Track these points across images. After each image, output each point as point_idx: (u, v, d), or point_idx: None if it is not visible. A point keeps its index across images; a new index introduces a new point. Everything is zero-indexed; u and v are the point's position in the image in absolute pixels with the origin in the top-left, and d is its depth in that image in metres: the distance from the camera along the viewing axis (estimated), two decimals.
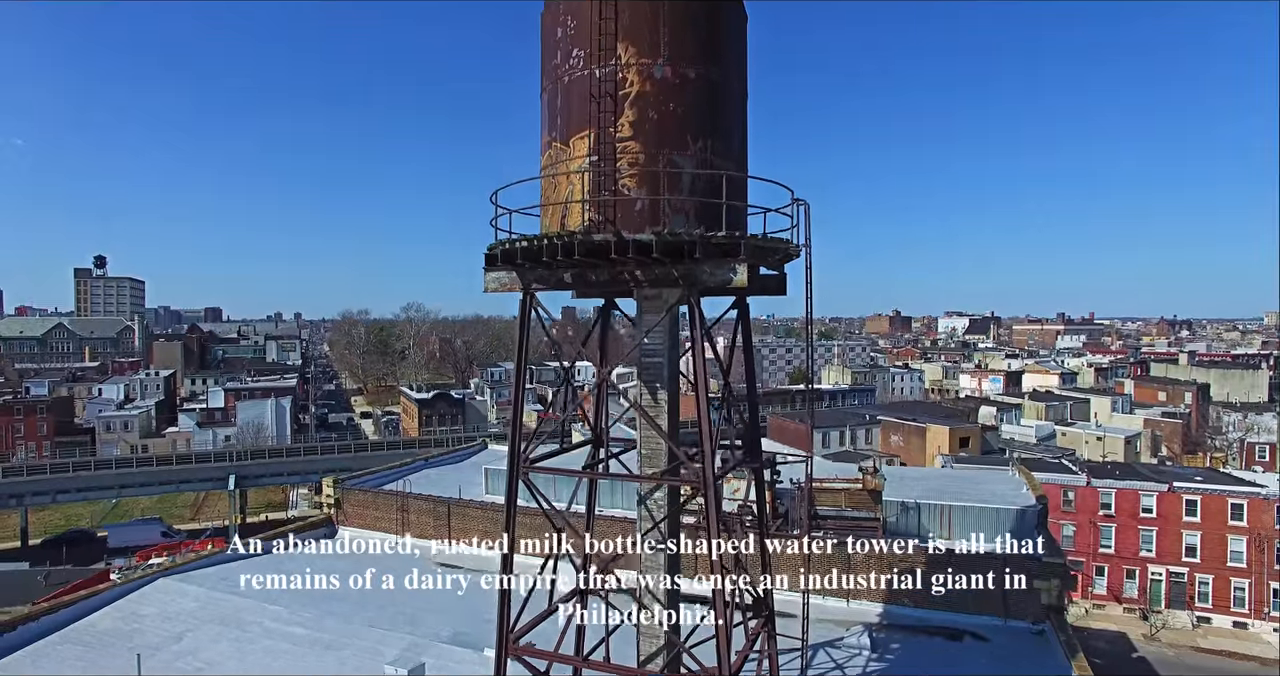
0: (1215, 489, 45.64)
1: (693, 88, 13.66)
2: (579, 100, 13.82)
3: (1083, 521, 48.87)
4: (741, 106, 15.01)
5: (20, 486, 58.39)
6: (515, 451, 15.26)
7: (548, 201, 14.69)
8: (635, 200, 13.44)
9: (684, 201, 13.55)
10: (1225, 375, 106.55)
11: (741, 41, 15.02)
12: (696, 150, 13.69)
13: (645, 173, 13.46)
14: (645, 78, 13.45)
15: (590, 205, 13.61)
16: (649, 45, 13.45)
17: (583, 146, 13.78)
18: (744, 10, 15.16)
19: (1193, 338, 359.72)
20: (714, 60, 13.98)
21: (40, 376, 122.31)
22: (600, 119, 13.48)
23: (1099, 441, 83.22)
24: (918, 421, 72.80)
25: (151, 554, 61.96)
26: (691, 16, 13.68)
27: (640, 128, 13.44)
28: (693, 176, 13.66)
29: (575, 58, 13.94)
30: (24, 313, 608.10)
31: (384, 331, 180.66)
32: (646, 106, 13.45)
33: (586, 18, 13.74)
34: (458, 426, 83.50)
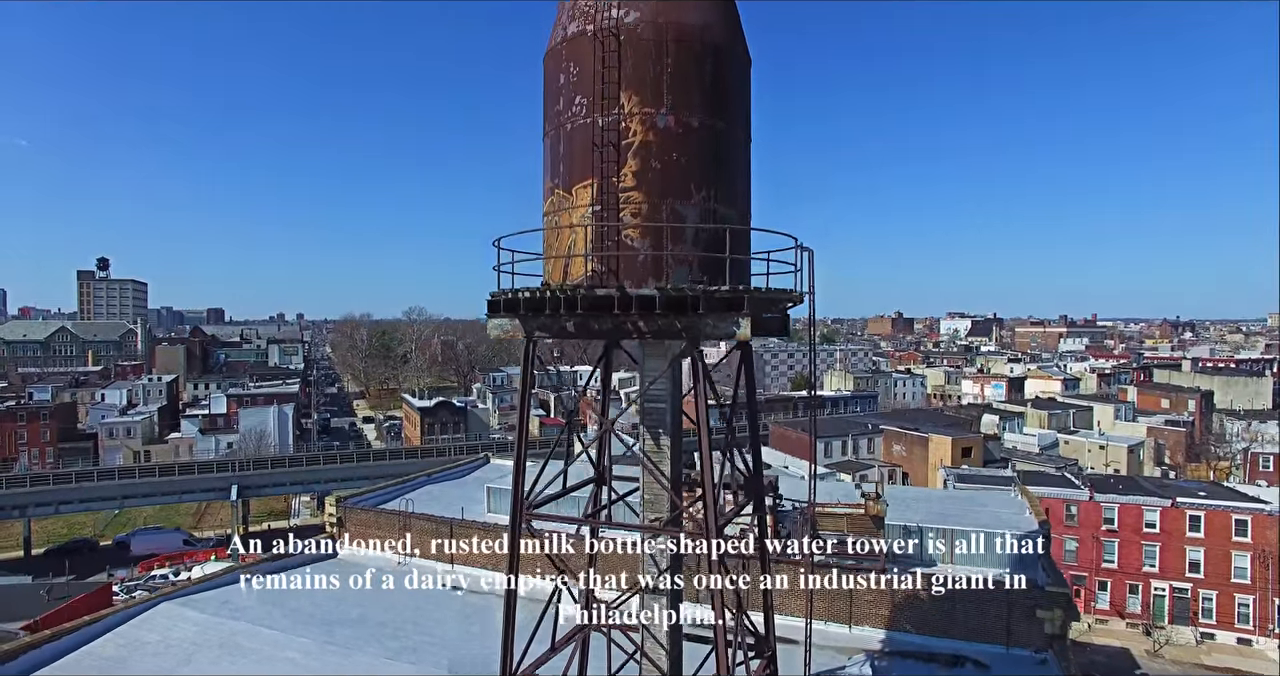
0: (1218, 505, 45.49)
1: (696, 137, 13.60)
2: (581, 148, 13.77)
3: (1085, 536, 48.73)
4: (745, 152, 14.95)
5: (23, 497, 58.48)
6: (518, 498, 15.21)
7: (550, 248, 14.66)
8: (638, 252, 13.40)
9: (687, 253, 13.52)
10: (1229, 382, 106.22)
11: (745, 87, 14.96)
12: (700, 200, 13.64)
13: (648, 222, 13.44)
14: (648, 127, 13.39)
15: (593, 256, 13.60)
16: (652, 94, 13.40)
17: (585, 196, 13.73)
18: (748, 55, 15.11)
19: (1196, 340, 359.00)
20: (718, 109, 13.92)
21: (43, 381, 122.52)
22: (603, 169, 13.44)
23: (1102, 450, 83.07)
24: (920, 431, 72.66)
25: (154, 564, 62.16)
26: (696, 66, 13.62)
27: (643, 178, 13.39)
28: (696, 226, 13.63)
29: (578, 105, 13.89)
30: (27, 313, 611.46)
31: (386, 335, 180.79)
32: (649, 156, 13.39)
33: (589, 66, 13.69)
34: (459, 434, 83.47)
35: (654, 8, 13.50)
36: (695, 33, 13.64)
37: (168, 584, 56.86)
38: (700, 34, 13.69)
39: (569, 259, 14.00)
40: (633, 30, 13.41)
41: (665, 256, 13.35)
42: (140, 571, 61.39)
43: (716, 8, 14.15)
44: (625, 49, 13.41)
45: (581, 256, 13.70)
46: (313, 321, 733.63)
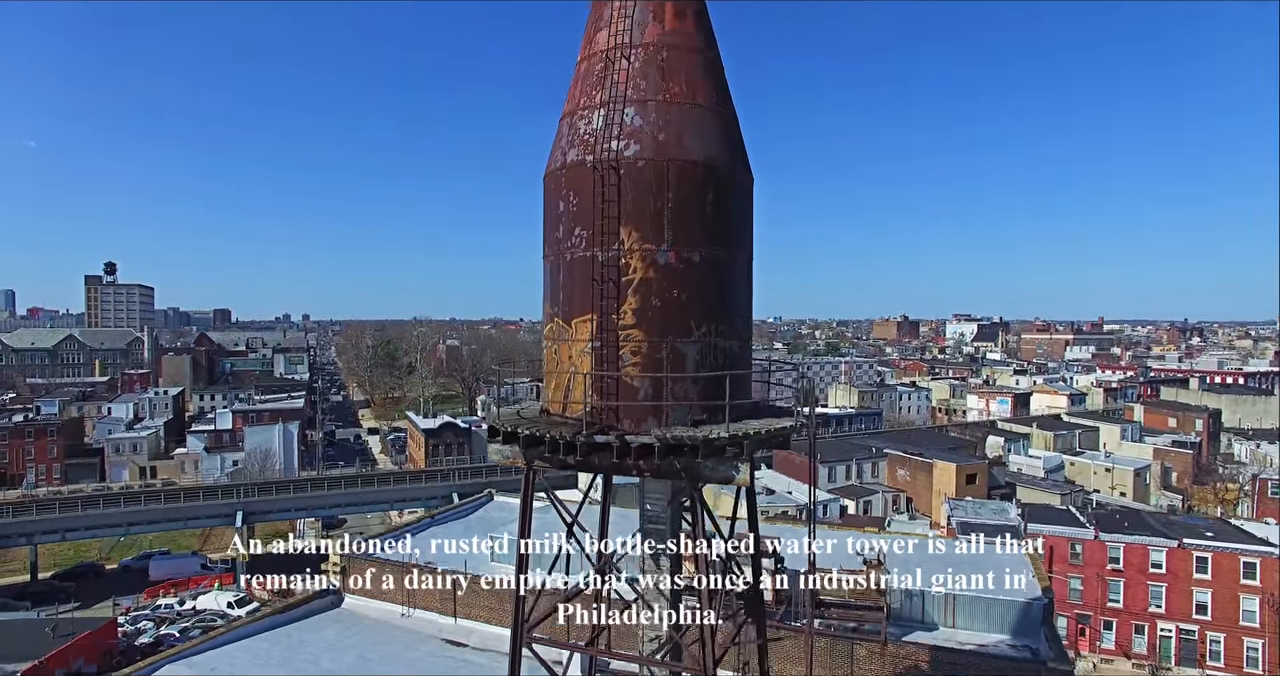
0: (1226, 547, 45.15)
1: (697, 272, 13.48)
2: (581, 282, 13.68)
3: (1090, 575, 48.45)
4: (747, 274, 14.83)
5: (30, 525, 58.84)
6: (518, 621, 15.15)
7: (551, 374, 14.61)
8: (638, 389, 13.32)
9: (687, 390, 13.44)
10: (1237, 401, 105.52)
11: (748, 210, 14.84)
12: (700, 335, 13.53)
13: (648, 360, 13.33)
14: (649, 264, 13.28)
15: (592, 391, 13.52)
16: (652, 230, 13.28)
17: (585, 330, 13.63)
18: (750, 175, 14.99)
19: (1204, 346, 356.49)
20: (719, 240, 13.80)
21: (51, 395, 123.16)
22: (603, 306, 13.35)
23: (1108, 473, 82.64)
24: (924, 456, 72.41)
25: (159, 591, 62.44)
26: (697, 199, 13.50)
27: (643, 315, 13.29)
28: (697, 362, 13.54)
29: (577, 237, 13.79)
30: (35, 314, 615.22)
31: (390, 344, 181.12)
32: (649, 293, 13.28)
33: (588, 197, 13.59)
34: (464, 455, 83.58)
35: (654, 141, 13.39)
36: (696, 165, 13.52)
37: (172, 613, 57.19)
38: (702, 166, 13.57)
39: (569, 387, 13.98)
40: (632, 164, 13.31)
41: (665, 392, 13.29)
42: (146, 597, 61.68)
43: (719, 136, 14.03)
44: (625, 182, 13.31)
45: (581, 389, 13.68)
46: (318, 322, 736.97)
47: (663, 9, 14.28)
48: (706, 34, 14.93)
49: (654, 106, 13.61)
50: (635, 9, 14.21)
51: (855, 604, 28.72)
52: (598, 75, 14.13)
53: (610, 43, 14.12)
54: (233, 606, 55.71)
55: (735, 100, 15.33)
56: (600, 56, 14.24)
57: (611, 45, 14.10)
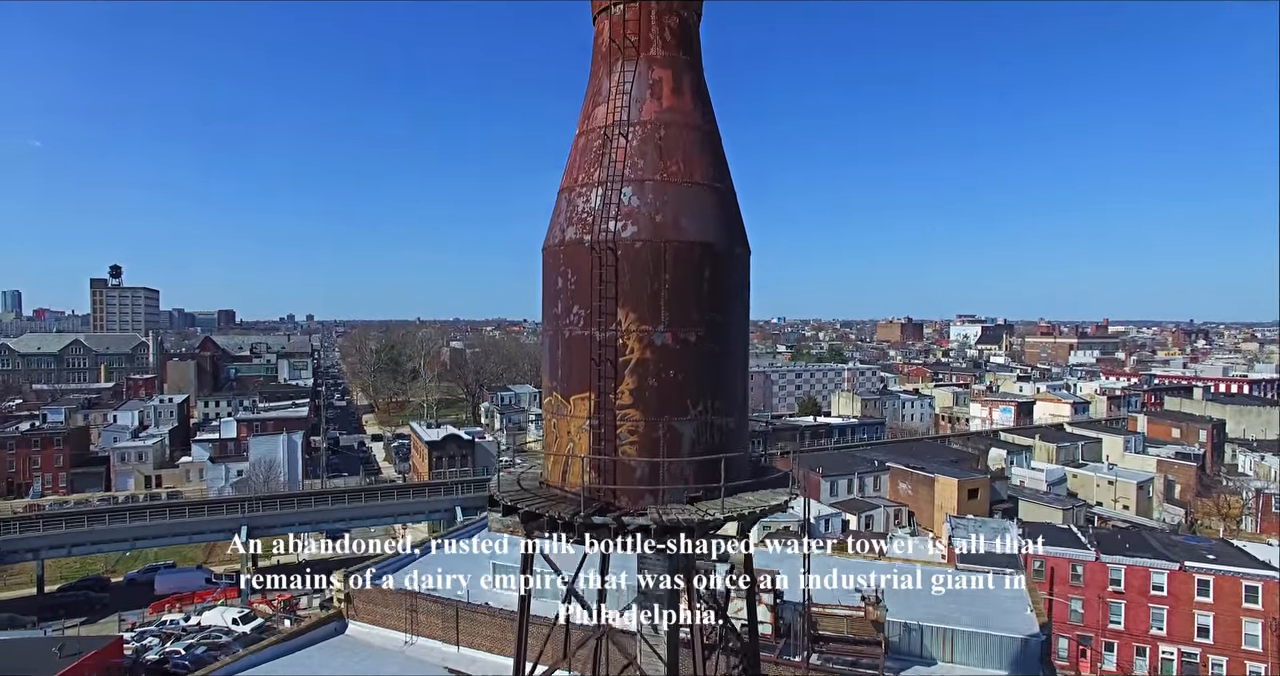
0: (1228, 570, 45.10)
1: (694, 351, 13.64)
2: (579, 359, 13.84)
3: (1091, 596, 48.46)
4: (744, 350, 14.96)
5: (37, 540, 59.34)
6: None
7: (550, 446, 14.79)
8: (634, 469, 13.49)
9: (683, 467, 13.60)
10: (1241, 411, 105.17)
11: (744, 285, 14.96)
12: (697, 413, 13.70)
13: (645, 440, 13.49)
14: (646, 344, 13.45)
15: (590, 467, 13.69)
16: (649, 312, 13.45)
17: (583, 408, 13.81)
18: (747, 249, 15.12)
19: (1209, 349, 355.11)
20: (716, 319, 13.93)
21: (57, 402, 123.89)
22: (600, 385, 13.52)
23: (1110, 485, 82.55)
24: (926, 470, 72.44)
25: (164, 605, 62.84)
26: (694, 280, 13.64)
27: (640, 395, 13.45)
28: (693, 440, 13.70)
29: (575, 315, 13.96)
30: (42, 315, 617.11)
31: (394, 348, 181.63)
32: (646, 374, 13.45)
33: (586, 276, 13.75)
34: (467, 467, 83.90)
35: (652, 222, 13.54)
36: (694, 246, 13.66)
37: (177, 629, 57.54)
38: (699, 246, 13.71)
39: (568, 462, 14.15)
40: (630, 245, 13.47)
41: (661, 471, 13.45)
42: (151, 612, 62.06)
43: (716, 215, 14.17)
44: (622, 263, 13.47)
45: (579, 465, 13.84)
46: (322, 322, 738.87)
47: (660, 86, 14.44)
48: (704, 106, 15.08)
49: (651, 186, 13.77)
50: (633, 85, 14.37)
51: (853, 638, 28.86)
52: (596, 152, 14.30)
53: (609, 119, 14.28)
54: (237, 623, 55.99)
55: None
56: (598, 133, 14.40)
57: (610, 121, 14.26)
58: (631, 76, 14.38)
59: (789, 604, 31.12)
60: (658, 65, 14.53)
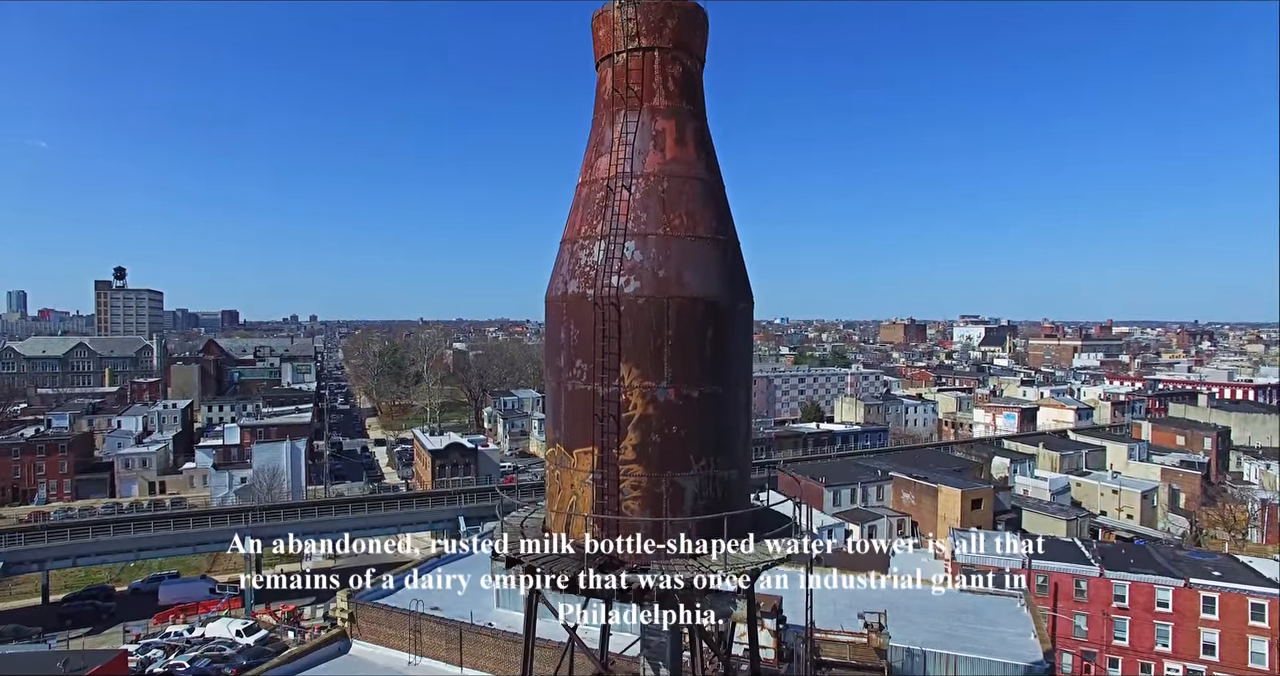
0: (1234, 587, 44.92)
1: (697, 407, 13.61)
2: (581, 413, 13.82)
3: (1095, 613, 48.31)
4: (746, 403, 14.90)
5: (41, 552, 59.58)
6: None
7: (553, 497, 14.77)
8: (637, 523, 13.47)
9: (686, 522, 13.57)
10: (1246, 419, 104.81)
11: (748, 338, 14.94)
12: (699, 468, 13.67)
13: (648, 495, 13.47)
14: (649, 400, 13.43)
15: (593, 522, 13.67)
16: (652, 367, 13.43)
17: (586, 462, 13.79)
18: (750, 300, 15.08)
19: (1214, 350, 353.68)
20: (719, 374, 13.91)
21: (62, 408, 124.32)
22: (603, 441, 13.50)
23: (1115, 494, 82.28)
24: (930, 480, 72.23)
25: (168, 616, 63.02)
26: (697, 336, 13.61)
27: (643, 451, 13.43)
28: (695, 494, 13.67)
29: (578, 369, 13.95)
30: (46, 315, 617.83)
31: (397, 352, 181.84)
32: (649, 429, 13.43)
33: (589, 330, 13.73)
34: (470, 476, 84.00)
35: (655, 278, 13.51)
36: (697, 302, 13.63)
37: (182, 641, 57.68)
38: (702, 302, 13.67)
39: (571, 515, 14.13)
40: (633, 301, 13.45)
41: (664, 526, 13.43)
42: (155, 623, 62.22)
43: (719, 269, 14.11)
44: (625, 319, 13.44)
45: (583, 518, 13.83)
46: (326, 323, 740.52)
47: (664, 137, 14.40)
48: (708, 156, 15.03)
49: (654, 241, 13.74)
50: (636, 136, 14.34)
51: (856, 664, 28.83)
52: (599, 204, 14.26)
53: (611, 171, 14.25)
54: (241, 634, 56.09)
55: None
56: (601, 184, 14.37)
57: (612, 173, 14.23)
58: (634, 127, 14.35)
59: (792, 628, 31.09)
60: (661, 115, 14.51)
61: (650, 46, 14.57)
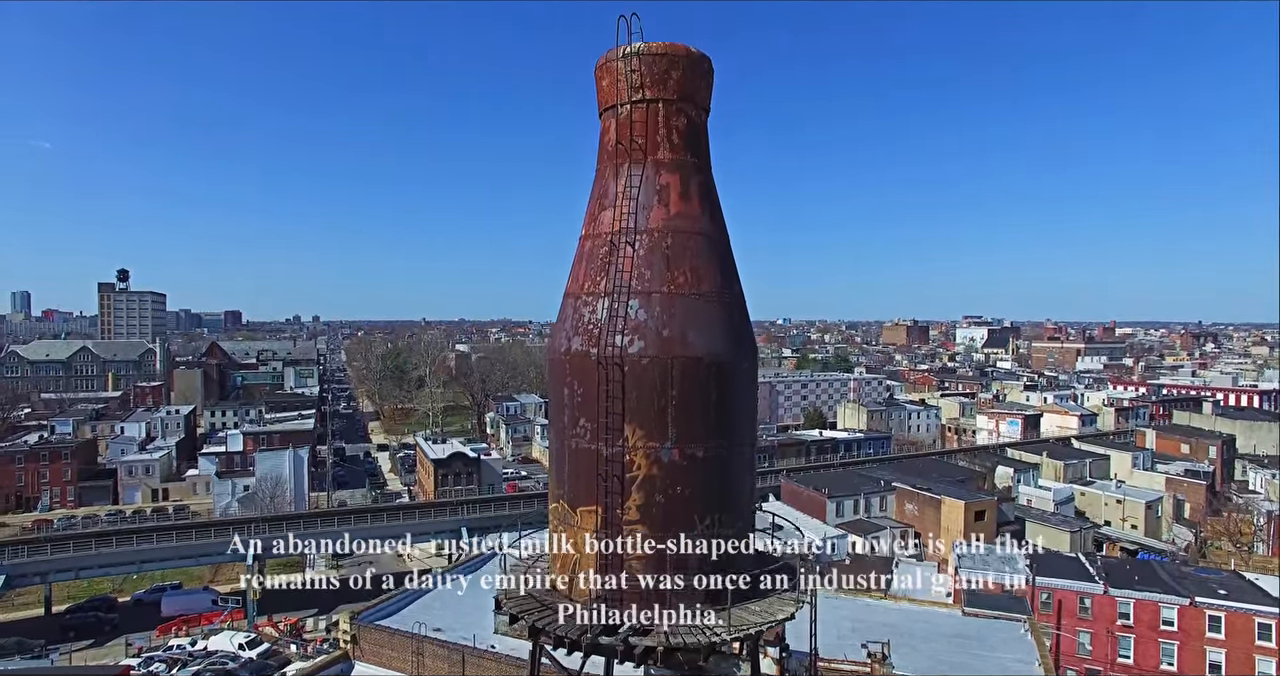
0: (1240, 607, 44.66)
1: (701, 467, 13.50)
2: (586, 472, 13.72)
3: (1099, 630, 48.05)
4: (750, 461, 14.79)
5: (44, 564, 59.67)
6: None
7: (556, 554, 14.64)
8: (641, 582, 13.36)
9: (690, 581, 13.45)
10: (1251, 427, 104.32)
11: (752, 395, 14.83)
12: (704, 528, 13.55)
13: (652, 555, 13.37)
14: (652, 461, 13.32)
15: (597, 582, 13.56)
16: (656, 428, 13.32)
17: (590, 521, 13.68)
18: (754, 354, 14.96)
19: (1218, 351, 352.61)
20: (723, 433, 13.81)
21: (65, 414, 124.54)
22: (607, 501, 13.40)
23: (1119, 504, 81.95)
24: (933, 491, 72.00)
25: (171, 627, 62.99)
26: (701, 396, 13.50)
27: (647, 512, 13.32)
28: (700, 554, 13.55)
29: (581, 428, 13.84)
30: (50, 316, 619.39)
31: (400, 356, 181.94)
32: (654, 490, 13.32)
33: (593, 389, 13.61)
34: (473, 485, 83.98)
35: (658, 338, 13.39)
36: (700, 361, 13.51)
37: (184, 654, 57.65)
38: (706, 362, 13.56)
39: (575, 573, 14.01)
40: (637, 361, 13.32)
41: (668, 591, 13.32)
42: (158, 635, 62.20)
43: (723, 327, 14.00)
44: (629, 379, 13.32)
45: (587, 574, 13.73)
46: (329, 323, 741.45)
47: (668, 191, 14.28)
48: (713, 209, 14.89)
49: (658, 299, 13.62)
50: (640, 191, 14.21)
51: None
52: (602, 260, 14.14)
53: (615, 226, 14.12)
54: (244, 648, 56.01)
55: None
56: (604, 239, 14.25)
57: (616, 229, 14.10)
58: (638, 181, 14.22)
59: (795, 655, 30.92)
60: (665, 169, 14.38)
61: (655, 98, 14.45)
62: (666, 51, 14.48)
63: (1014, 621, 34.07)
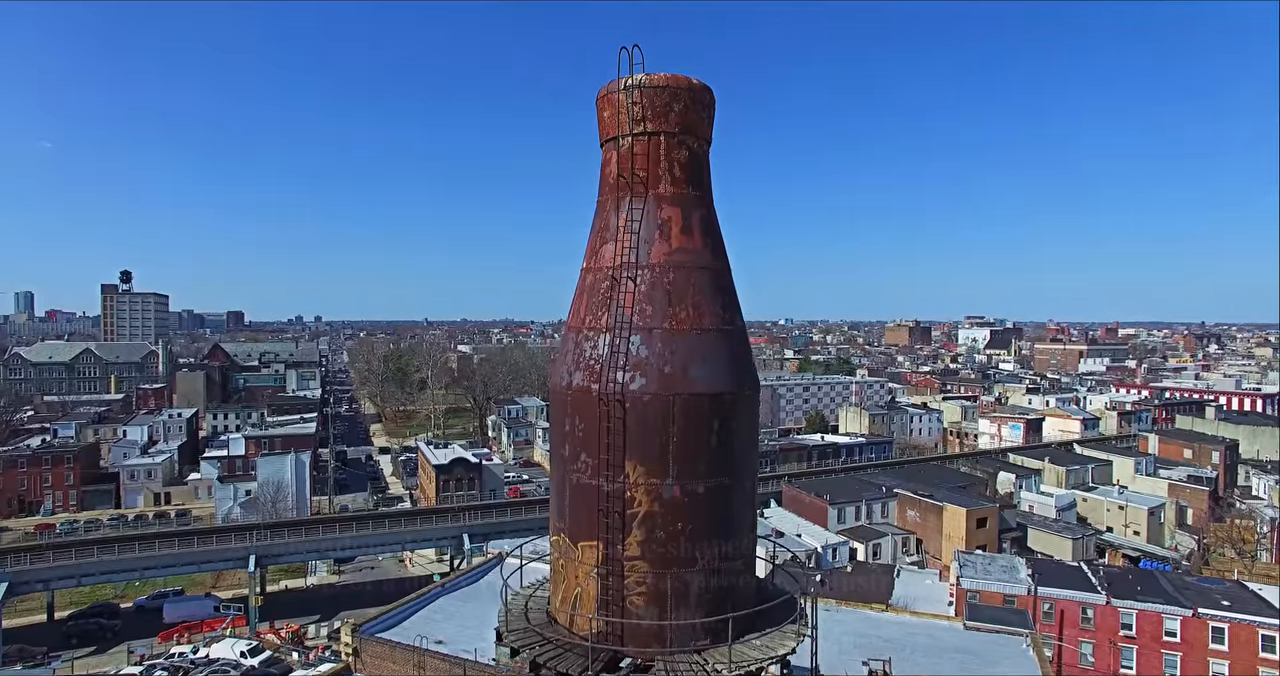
0: (1244, 618, 44.54)
1: (702, 502, 13.48)
2: (587, 507, 13.70)
3: (1102, 640, 47.95)
4: (751, 493, 14.74)
5: (46, 572, 59.75)
6: None
7: (558, 587, 14.64)
8: (642, 617, 13.33)
9: (690, 615, 13.43)
10: (1255, 432, 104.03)
11: (753, 427, 14.77)
12: (704, 564, 13.54)
13: (653, 591, 13.34)
14: (653, 497, 13.30)
15: (598, 616, 13.54)
16: (657, 465, 13.30)
17: (591, 556, 13.66)
18: (755, 386, 14.91)
19: (1221, 353, 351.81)
20: (725, 468, 13.78)
21: (68, 417, 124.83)
22: (608, 537, 13.38)
23: (1121, 511, 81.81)
24: (935, 498, 71.90)
25: (173, 634, 63.12)
26: (703, 432, 13.47)
27: (648, 548, 13.30)
28: (701, 588, 13.53)
29: (582, 463, 13.82)
30: (53, 316, 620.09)
31: (402, 359, 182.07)
32: (655, 526, 13.30)
33: (593, 424, 13.59)
34: (474, 491, 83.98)
35: (660, 375, 13.36)
36: (702, 398, 13.48)
37: (186, 662, 57.74)
38: (707, 398, 13.53)
39: (575, 607, 13.99)
40: (638, 398, 13.30)
41: (669, 626, 13.30)
42: (160, 642, 62.33)
43: (725, 362, 13.96)
44: (630, 416, 13.29)
45: (588, 607, 13.71)
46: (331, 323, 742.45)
47: (669, 226, 14.24)
48: (714, 242, 14.84)
49: (660, 335, 13.59)
50: (641, 225, 14.17)
51: None
52: (603, 295, 14.12)
53: (616, 261, 14.09)
54: (246, 656, 56.09)
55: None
56: (605, 274, 14.21)
57: (617, 263, 14.07)
58: (640, 215, 14.19)
59: (796, 670, 30.85)
60: (666, 203, 14.35)
61: (656, 131, 14.41)
62: (668, 84, 14.45)
63: (1016, 636, 33.98)
